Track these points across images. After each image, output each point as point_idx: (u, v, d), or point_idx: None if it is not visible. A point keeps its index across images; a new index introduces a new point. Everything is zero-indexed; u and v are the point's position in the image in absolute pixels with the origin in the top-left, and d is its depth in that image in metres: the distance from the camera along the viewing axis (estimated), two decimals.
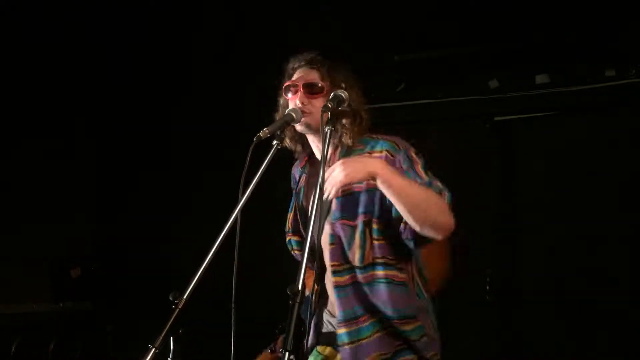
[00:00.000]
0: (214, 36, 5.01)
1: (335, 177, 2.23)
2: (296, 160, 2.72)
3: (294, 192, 2.70)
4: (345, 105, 2.46)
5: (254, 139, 2.44)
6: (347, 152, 2.49)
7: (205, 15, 5.00)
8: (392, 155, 2.42)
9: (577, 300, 4.20)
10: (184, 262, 2.97)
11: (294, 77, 2.61)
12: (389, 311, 2.38)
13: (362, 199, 2.40)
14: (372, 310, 2.40)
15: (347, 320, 2.41)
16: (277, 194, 3.05)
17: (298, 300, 1.96)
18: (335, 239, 2.42)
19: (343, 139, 2.49)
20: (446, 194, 2.32)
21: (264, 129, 2.46)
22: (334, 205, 2.44)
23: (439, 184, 2.36)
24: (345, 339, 2.41)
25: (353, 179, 2.25)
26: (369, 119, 2.59)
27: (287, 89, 2.61)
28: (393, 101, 4.74)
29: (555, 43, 4.30)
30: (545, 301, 4.35)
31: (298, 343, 1.94)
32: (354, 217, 2.40)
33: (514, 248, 4.53)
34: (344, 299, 2.41)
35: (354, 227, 2.40)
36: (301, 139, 2.65)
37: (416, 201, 2.24)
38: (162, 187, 5.22)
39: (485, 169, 4.52)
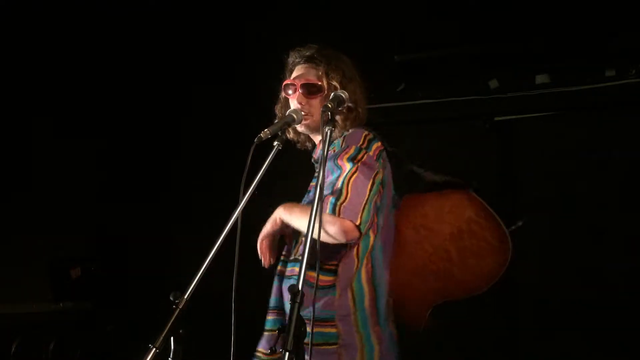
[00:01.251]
0: (214, 36, 5.01)
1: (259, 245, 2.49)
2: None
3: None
4: (346, 105, 2.47)
5: (255, 140, 2.45)
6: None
7: (206, 16, 5.01)
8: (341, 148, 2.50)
9: (577, 300, 4.20)
10: (184, 262, 2.98)
11: (293, 75, 2.63)
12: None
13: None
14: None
15: (274, 309, 2.60)
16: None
17: (298, 300, 1.96)
18: None
19: (333, 134, 2.45)
20: (330, 199, 2.37)
21: (265, 130, 2.47)
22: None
23: (341, 180, 2.39)
24: (268, 326, 2.58)
25: (267, 234, 2.52)
26: (365, 114, 2.61)
27: (287, 87, 2.62)
28: (393, 101, 4.74)
29: (555, 43, 4.30)
30: (545, 301, 4.35)
31: (298, 343, 1.94)
32: None
33: (513, 248, 4.52)
34: (277, 286, 2.60)
35: None
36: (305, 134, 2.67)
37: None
38: (162, 187, 5.22)
39: (485, 169, 4.52)
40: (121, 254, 5.28)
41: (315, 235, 2.06)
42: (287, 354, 1.88)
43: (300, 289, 1.97)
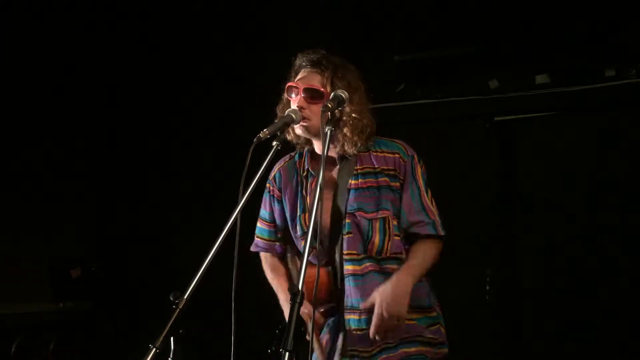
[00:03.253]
0: (213, 36, 5.01)
1: (390, 324, 2.41)
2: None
3: (285, 192, 2.71)
4: (346, 105, 2.48)
5: (254, 140, 2.45)
6: (362, 150, 2.61)
7: (206, 16, 5.00)
8: (403, 161, 2.61)
9: (577, 300, 4.20)
10: (184, 262, 2.98)
11: (298, 78, 2.63)
12: None
13: (383, 195, 2.55)
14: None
15: (358, 308, 2.50)
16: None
17: (298, 300, 1.96)
18: (352, 229, 2.53)
19: (346, 148, 2.57)
20: (438, 221, 2.60)
21: (264, 130, 2.47)
22: (351, 197, 2.54)
23: (433, 207, 2.62)
24: (354, 325, 2.49)
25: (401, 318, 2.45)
26: (374, 124, 2.64)
27: (290, 89, 2.62)
28: (393, 101, 4.74)
29: (555, 43, 4.30)
30: (545, 301, 4.35)
31: (298, 343, 1.94)
32: (373, 210, 2.53)
33: (514, 248, 4.53)
34: (360, 286, 2.51)
35: (371, 220, 2.53)
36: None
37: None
38: (162, 187, 5.22)
39: (485, 169, 4.52)
40: (121, 254, 5.28)
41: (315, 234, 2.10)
42: (287, 354, 1.89)
43: (300, 289, 1.98)
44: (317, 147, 2.65)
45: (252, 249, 2.89)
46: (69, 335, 4.78)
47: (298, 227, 2.66)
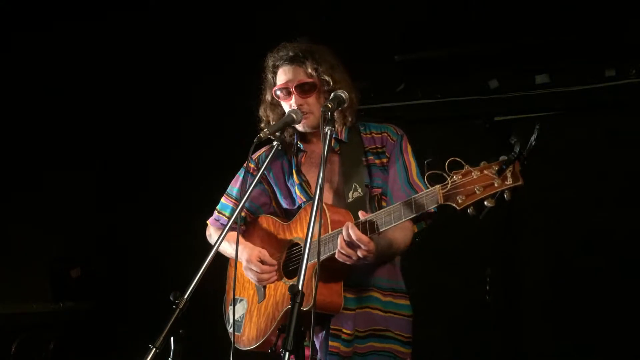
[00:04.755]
0: (213, 36, 5.00)
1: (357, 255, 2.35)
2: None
3: (270, 170, 2.77)
4: (346, 105, 2.49)
5: (255, 140, 2.47)
6: (347, 135, 2.67)
7: (206, 16, 5.00)
8: (392, 139, 2.69)
9: (577, 300, 4.20)
10: (184, 262, 2.98)
11: (283, 79, 2.66)
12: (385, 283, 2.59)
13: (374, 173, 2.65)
14: (373, 281, 2.57)
15: (355, 287, 2.53)
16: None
17: (298, 300, 1.96)
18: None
19: (336, 125, 2.62)
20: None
21: (265, 130, 2.49)
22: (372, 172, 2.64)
23: (420, 183, 2.61)
24: (353, 305, 2.52)
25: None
26: (357, 98, 2.68)
27: (280, 91, 2.64)
28: (393, 101, 4.74)
29: (555, 43, 4.30)
30: (546, 301, 4.35)
31: (298, 343, 1.94)
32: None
33: (514, 248, 4.53)
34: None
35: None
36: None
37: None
38: (162, 187, 5.21)
39: None
40: (121, 254, 5.27)
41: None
42: (287, 354, 1.88)
43: (300, 289, 1.97)
44: (305, 130, 2.70)
45: (212, 223, 2.91)
46: (69, 335, 4.78)
47: (300, 195, 2.70)
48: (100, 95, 5.31)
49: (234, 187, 2.90)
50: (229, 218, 2.82)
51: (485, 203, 2.13)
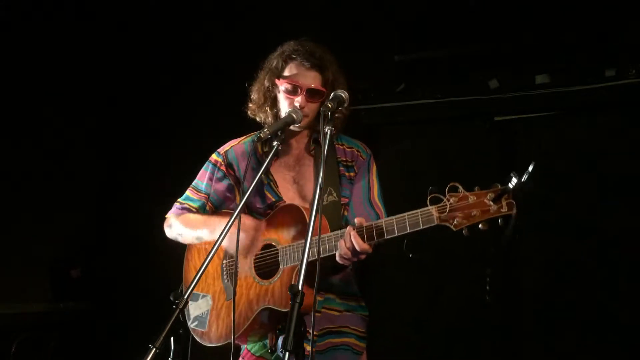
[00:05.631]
0: (213, 34, 5.00)
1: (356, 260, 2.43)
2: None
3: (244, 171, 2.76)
4: (345, 105, 2.49)
5: (255, 140, 2.47)
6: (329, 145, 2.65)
7: (204, 15, 5.00)
8: (362, 157, 2.77)
9: (577, 300, 4.20)
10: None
11: (297, 77, 2.63)
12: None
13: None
14: (329, 285, 2.63)
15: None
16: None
17: (298, 300, 1.96)
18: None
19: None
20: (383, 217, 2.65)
21: (264, 130, 2.49)
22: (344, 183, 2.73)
23: (380, 203, 2.74)
24: (317, 307, 2.58)
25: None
26: (348, 112, 2.72)
27: (289, 86, 2.63)
28: (393, 101, 4.74)
29: (555, 43, 4.30)
30: (545, 301, 4.35)
31: (298, 343, 1.94)
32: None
33: (514, 248, 4.52)
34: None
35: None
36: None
37: None
38: (162, 187, 5.20)
39: (485, 169, 4.51)
40: (121, 254, 5.27)
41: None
42: (287, 354, 1.88)
43: (300, 289, 1.97)
44: (293, 134, 2.72)
45: (174, 212, 2.93)
46: (69, 335, 4.78)
47: (269, 195, 2.71)
48: (100, 95, 5.31)
49: (201, 181, 2.89)
50: (197, 210, 2.85)
51: (480, 226, 2.24)
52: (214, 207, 2.86)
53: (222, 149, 2.88)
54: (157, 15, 4.97)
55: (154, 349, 2.02)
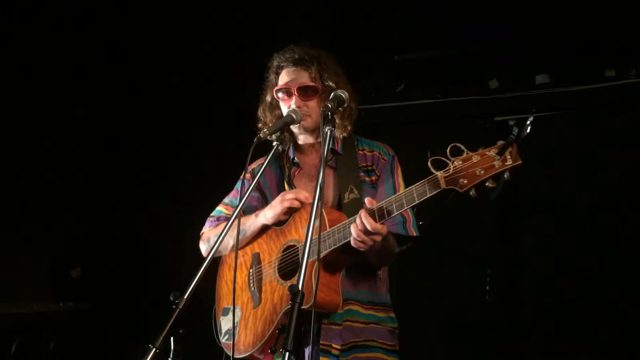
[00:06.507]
0: (213, 33, 5.00)
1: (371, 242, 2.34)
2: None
3: (263, 183, 2.77)
4: (346, 105, 2.48)
5: (255, 140, 2.47)
6: (343, 146, 2.68)
7: (204, 13, 5.00)
8: (384, 159, 2.69)
9: (577, 300, 4.20)
10: (184, 262, 2.98)
11: (286, 80, 2.66)
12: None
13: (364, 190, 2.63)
14: (353, 294, 2.56)
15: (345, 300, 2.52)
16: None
17: (298, 300, 1.95)
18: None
19: (336, 133, 2.62)
20: (410, 220, 2.57)
21: (264, 130, 2.49)
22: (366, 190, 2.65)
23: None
24: (339, 319, 2.50)
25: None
26: (356, 108, 2.69)
27: (280, 91, 2.65)
28: (393, 101, 4.74)
29: (555, 43, 4.30)
30: (545, 301, 4.35)
31: (298, 343, 1.93)
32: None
33: (514, 248, 4.53)
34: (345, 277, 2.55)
35: None
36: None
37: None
38: (162, 187, 5.21)
39: None
40: (121, 254, 5.27)
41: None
42: (287, 354, 1.88)
43: (300, 289, 1.97)
44: (302, 139, 2.71)
45: (208, 225, 2.88)
46: (69, 335, 4.77)
47: None
48: (99, 95, 5.31)
49: (232, 197, 2.89)
50: (228, 219, 2.83)
51: (487, 184, 2.18)
52: (244, 214, 2.80)
53: (250, 166, 2.85)
54: (157, 17, 4.97)
55: (154, 349, 2.01)
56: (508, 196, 4.54)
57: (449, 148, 2.16)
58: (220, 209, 2.89)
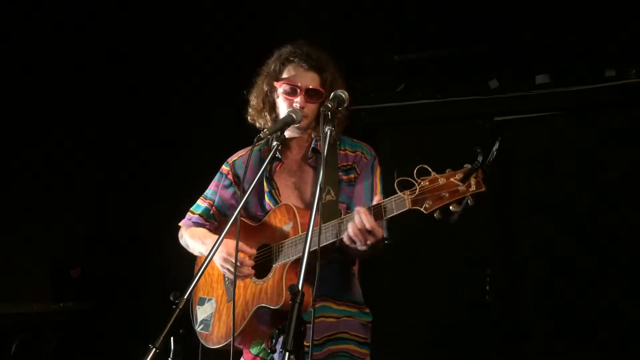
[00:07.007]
0: (213, 33, 5.00)
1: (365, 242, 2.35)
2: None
3: (246, 177, 2.72)
4: (345, 105, 2.49)
5: (254, 140, 2.47)
6: (331, 149, 2.65)
7: (204, 13, 5.00)
8: (366, 158, 2.72)
9: (577, 300, 4.20)
10: (184, 262, 2.98)
11: (295, 77, 2.64)
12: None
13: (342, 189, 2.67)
14: (326, 291, 2.58)
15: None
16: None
17: (298, 300, 1.95)
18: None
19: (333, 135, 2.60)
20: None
21: (264, 130, 2.49)
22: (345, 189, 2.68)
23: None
24: (309, 317, 2.48)
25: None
26: (349, 113, 2.71)
27: (287, 86, 2.63)
28: (393, 101, 4.74)
29: (555, 43, 4.30)
30: (545, 301, 4.35)
31: (298, 343, 1.93)
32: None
33: (513, 248, 4.53)
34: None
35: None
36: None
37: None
38: (162, 187, 5.21)
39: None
40: (121, 254, 5.27)
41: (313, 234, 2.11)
42: (287, 354, 1.88)
43: (300, 289, 1.97)
44: (289, 133, 2.69)
45: (184, 223, 2.98)
46: (69, 335, 4.77)
47: (269, 202, 2.71)
48: (99, 95, 5.31)
49: (210, 189, 2.94)
50: (201, 216, 2.90)
51: (451, 208, 2.21)
52: (218, 212, 2.88)
53: (231, 158, 2.89)
54: (157, 17, 4.97)
55: (154, 349, 2.01)
56: (508, 196, 4.55)
57: (415, 169, 2.21)
58: (199, 202, 2.95)
